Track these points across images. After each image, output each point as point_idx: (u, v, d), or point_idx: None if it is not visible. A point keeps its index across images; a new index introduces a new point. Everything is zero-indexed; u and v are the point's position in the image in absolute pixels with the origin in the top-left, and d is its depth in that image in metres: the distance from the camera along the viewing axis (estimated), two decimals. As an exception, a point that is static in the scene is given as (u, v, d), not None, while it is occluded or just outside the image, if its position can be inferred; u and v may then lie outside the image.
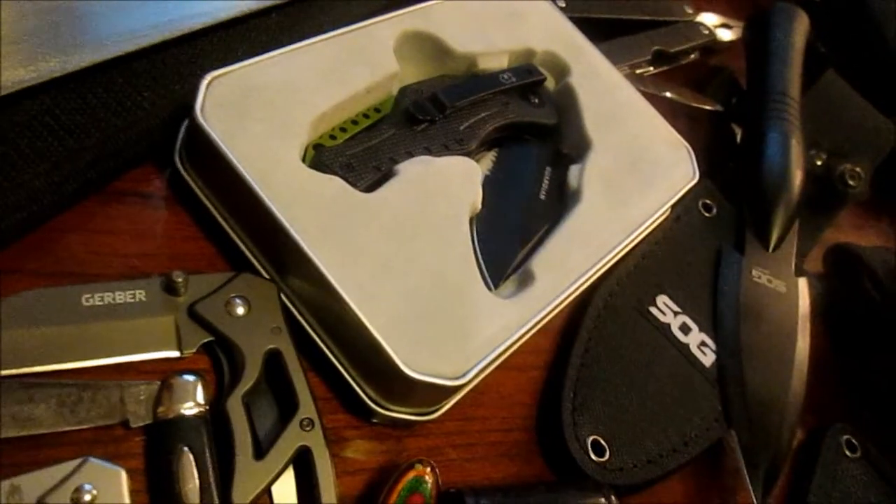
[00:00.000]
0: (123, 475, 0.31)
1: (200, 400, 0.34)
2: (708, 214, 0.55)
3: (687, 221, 0.54)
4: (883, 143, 0.63)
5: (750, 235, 0.54)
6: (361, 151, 0.41)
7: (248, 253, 0.38)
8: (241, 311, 0.36)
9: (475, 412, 0.41)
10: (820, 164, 0.60)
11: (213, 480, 0.32)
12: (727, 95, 0.65)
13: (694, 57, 0.67)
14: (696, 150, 0.53)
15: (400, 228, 0.39)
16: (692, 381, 0.47)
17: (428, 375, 0.35)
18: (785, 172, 0.55)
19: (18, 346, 0.32)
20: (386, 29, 0.45)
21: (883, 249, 0.58)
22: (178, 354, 0.35)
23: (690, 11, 0.68)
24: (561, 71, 0.52)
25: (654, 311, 0.48)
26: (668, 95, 0.61)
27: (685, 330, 0.48)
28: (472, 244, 0.41)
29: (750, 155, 0.57)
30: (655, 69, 0.63)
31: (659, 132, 0.52)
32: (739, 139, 0.61)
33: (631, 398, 0.44)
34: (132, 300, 0.35)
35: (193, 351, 0.35)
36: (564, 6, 0.57)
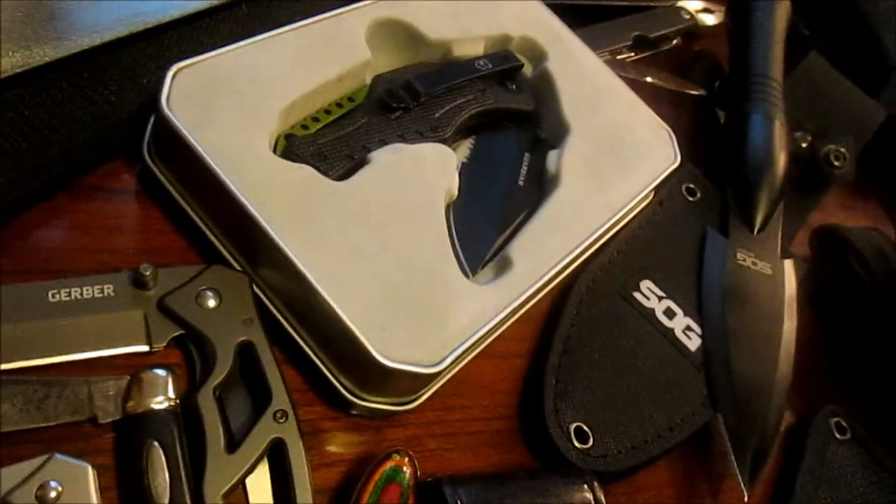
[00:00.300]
0: (90, 471, 0.30)
1: (171, 394, 0.33)
2: (692, 199, 0.54)
3: (670, 206, 0.53)
4: (867, 123, 0.63)
5: (734, 219, 0.54)
6: (333, 140, 0.41)
7: (218, 245, 0.38)
8: (212, 303, 0.36)
9: (456, 401, 0.41)
10: (805, 145, 0.59)
11: (183, 475, 0.31)
12: (710, 80, 0.64)
13: (676, 42, 0.66)
14: (679, 134, 0.52)
15: (372, 216, 0.38)
16: (677, 365, 0.46)
17: (403, 363, 0.35)
18: (768, 154, 0.55)
19: (-17, 343, 0.32)
20: (357, 17, 0.45)
21: (870, 230, 0.57)
22: (147, 349, 0.35)
23: (671, -4, 0.67)
24: (538, 57, 0.51)
25: (638, 296, 0.48)
26: (649, 80, 0.60)
27: (670, 315, 0.48)
28: (448, 231, 0.41)
29: (733, 138, 0.57)
30: (637, 55, 0.63)
31: (639, 116, 0.52)
32: (723, 123, 0.61)
33: (615, 384, 0.44)
34: (100, 295, 0.35)
35: (164, 345, 0.35)
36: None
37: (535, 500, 0.36)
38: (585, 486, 0.38)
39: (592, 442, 0.41)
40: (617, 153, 0.48)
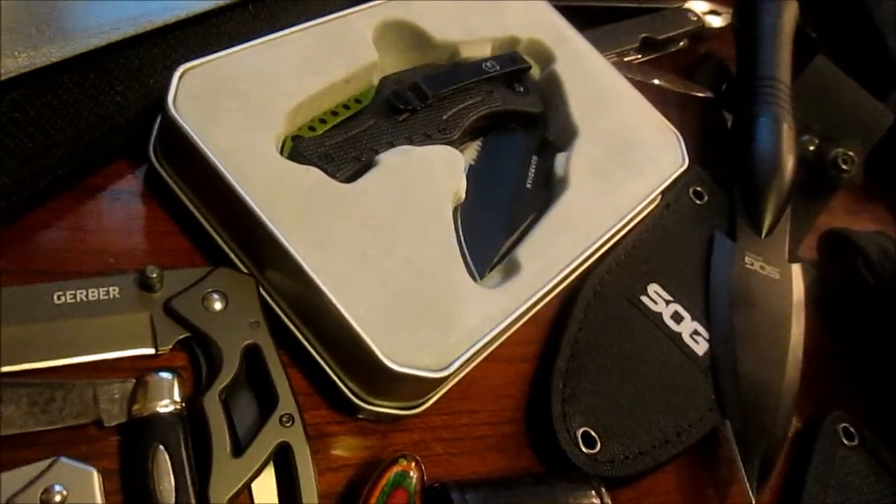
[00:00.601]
0: (95, 475, 0.30)
1: (176, 397, 0.33)
2: (699, 202, 0.54)
3: (678, 209, 0.53)
4: (875, 126, 0.63)
5: (742, 222, 0.53)
6: (341, 142, 0.41)
7: (225, 247, 0.38)
8: (218, 306, 0.35)
9: (462, 405, 0.41)
10: (812, 149, 0.59)
11: (189, 479, 0.31)
12: (717, 82, 0.64)
13: (683, 44, 0.66)
14: (686, 137, 0.52)
15: (380, 218, 0.38)
16: (685, 370, 0.46)
17: (410, 367, 0.34)
18: (776, 157, 0.54)
19: (-12, 345, 0.31)
20: (364, 18, 0.44)
21: (877, 234, 0.57)
22: (153, 351, 0.34)
23: (678, -2, 0.67)
24: (546, 59, 0.51)
25: (645, 299, 0.48)
26: (656, 83, 0.60)
27: (677, 318, 0.48)
28: (455, 234, 0.40)
29: (741, 141, 0.56)
30: (643, 57, 0.62)
31: (647, 119, 0.52)
32: (730, 125, 0.60)
33: (622, 388, 0.43)
34: (106, 297, 0.34)
35: (169, 347, 0.35)
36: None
37: (542, 505, 0.36)
38: (593, 491, 0.38)
39: (600, 447, 0.40)
40: (625, 156, 0.48)
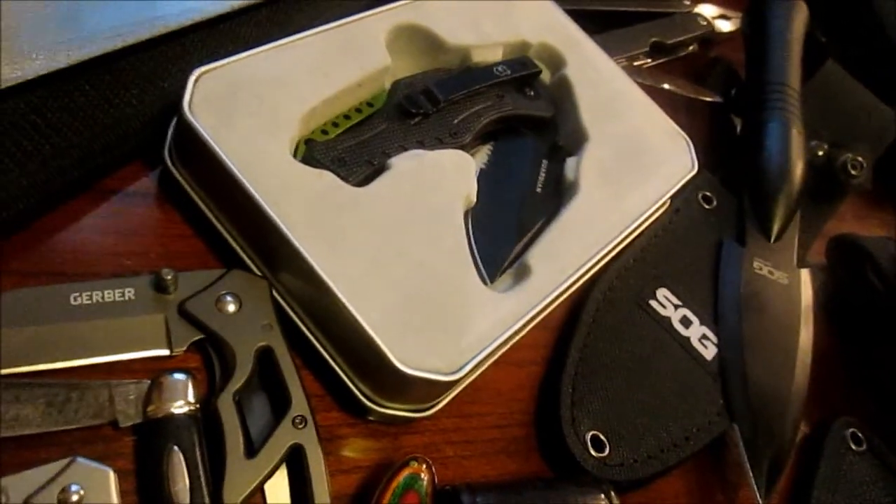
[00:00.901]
0: (112, 475, 0.30)
1: (191, 398, 0.33)
2: (708, 206, 0.54)
3: (687, 214, 0.53)
4: (884, 132, 0.63)
5: (751, 227, 0.53)
6: (353, 146, 0.41)
7: (238, 249, 0.38)
8: (231, 308, 0.36)
9: (472, 408, 0.41)
10: (821, 154, 0.59)
11: (203, 480, 0.31)
12: (726, 87, 0.64)
13: (692, 49, 0.66)
14: (695, 141, 0.52)
15: (392, 222, 0.38)
16: (693, 374, 0.46)
17: (421, 371, 0.34)
18: (785, 162, 0.54)
19: (5, 345, 0.32)
20: (377, 22, 0.45)
21: (886, 240, 0.57)
22: (168, 353, 0.35)
23: (688, 3, 0.67)
24: (556, 63, 0.51)
25: (654, 304, 0.48)
26: (666, 87, 0.60)
27: (686, 323, 0.48)
28: (466, 238, 0.41)
29: (750, 146, 0.56)
30: (653, 61, 0.63)
31: (657, 123, 0.52)
32: (739, 130, 0.61)
33: (631, 393, 0.44)
34: (121, 299, 0.35)
35: (184, 349, 0.35)
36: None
37: (552, 508, 0.36)
38: (602, 494, 0.38)
39: (609, 450, 0.41)
40: (635, 161, 0.48)
